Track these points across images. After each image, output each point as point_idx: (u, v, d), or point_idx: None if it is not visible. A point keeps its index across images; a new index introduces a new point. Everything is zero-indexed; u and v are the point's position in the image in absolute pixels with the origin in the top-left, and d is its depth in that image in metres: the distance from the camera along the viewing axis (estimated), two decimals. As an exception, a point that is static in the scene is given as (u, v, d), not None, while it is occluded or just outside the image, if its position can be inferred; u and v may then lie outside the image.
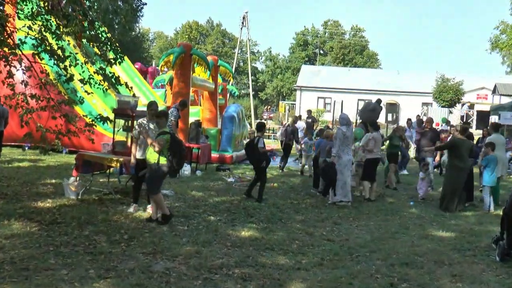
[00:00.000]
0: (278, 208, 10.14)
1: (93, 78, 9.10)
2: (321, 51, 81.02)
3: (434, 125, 19.58)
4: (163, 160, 8.05)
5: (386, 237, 8.37)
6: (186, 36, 77.94)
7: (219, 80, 21.80)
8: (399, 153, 14.46)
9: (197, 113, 19.04)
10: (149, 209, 8.61)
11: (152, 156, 8.08)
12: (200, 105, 21.14)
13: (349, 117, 11.40)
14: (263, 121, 22.61)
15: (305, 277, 6.11)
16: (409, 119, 19.75)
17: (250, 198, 10.69)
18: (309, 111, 25.89)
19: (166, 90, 21.59)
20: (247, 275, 6.02)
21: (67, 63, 8.71)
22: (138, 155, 8.70)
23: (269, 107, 63.81)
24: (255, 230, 8.25)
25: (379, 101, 14.71)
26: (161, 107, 15.35)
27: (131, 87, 9.42)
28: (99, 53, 8.89)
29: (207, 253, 6.77)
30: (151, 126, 8.68)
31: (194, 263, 6.31)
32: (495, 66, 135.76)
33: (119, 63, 8.86)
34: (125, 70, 19.59)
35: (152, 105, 8.89)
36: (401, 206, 11.21)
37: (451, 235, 8.68)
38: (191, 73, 16.00)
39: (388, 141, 13.95)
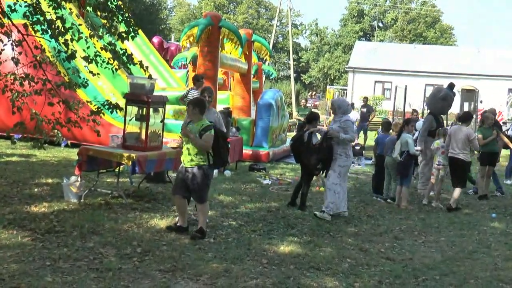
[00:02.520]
0: (326, 218, 10.12)
1: (100, 56, 9.20)
2: (380, 24, 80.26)
3: None
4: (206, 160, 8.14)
5: (461, 257, 8.27)
6: (212, 3, 78.28)
7: (254, 59, 21.80)
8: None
9: (227, 99, 19.09)
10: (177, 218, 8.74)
11: (189, 157, 8.12)
12: (230, 90, 21.20)
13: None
14: (315, 110, 22.58)
15: (359, 305, 6.09)
16: None
17: (293, 207, 10.70)
18: (365, 99, 25.75)
19: (188, 71, 21.71)
20: (287, 300, 6.02)
21: (68, 36, 8.81)
22: None
23: (314, 93, 63.57)
24: (297, 244, 8.25)
25: (451, 85, 14.45)
26: (181, 91, 15.52)
27: (147, 67, 9.49)
28: (108, 25, 8.97)
29: (238, 271, 6.79)
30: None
31: (222, 283, 6.35)
32: None
33: (132, 37, 8.94)
34: (138, 46, 19.82)
35: (205, 91, 9.06)
36: (480, 219, 11.05)
37: (546, 257, 8.51)
38: (220, 50, 16.05)
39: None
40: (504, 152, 15.55)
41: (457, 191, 11.87)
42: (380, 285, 6.79)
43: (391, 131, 13.45)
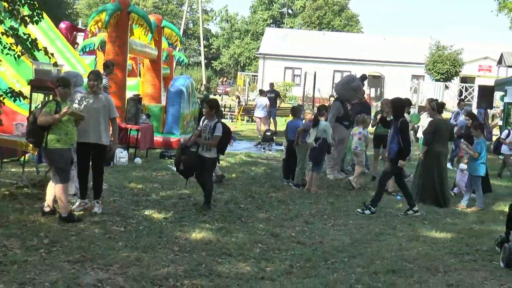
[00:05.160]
0: (237, 204, 10.18)
1: (0, 41, 8.85)
2: (290, 11, 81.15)
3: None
4: None
5: (369, 239, 8.51)
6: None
7: (164, 45, 21.59)
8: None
9: (136, 86, 18.84)
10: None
11: None
12: (140, 76, 20.92)
13: None
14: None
15: (270, 289, 6.16)
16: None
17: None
18: (271, 84, 26.00)
19: (96, 57, 21.23)
20: (199, 287, 6.02)
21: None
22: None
23: (225, 79, 63.79)
24: (209, 231, 8.25)
25: (364, 77, 14.88)
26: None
27: (52, 54, 9.21)
28: (9, 8, 8.63)
29: (149, 260, 6.73)
30: (90, 101, 8.72)
31: (133, 272, 6.27)
32: (502, 31, 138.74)
33: (36, 22, 8.64)
34: (44, 32, 19.13)
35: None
36: (386, 202, 11.38)
37: (447, 236, 8.89)
38: (129, 36, 15.77)
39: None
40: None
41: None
42: (291, 269, 6.89)
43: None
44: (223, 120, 10.61)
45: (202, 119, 10.19)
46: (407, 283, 6.62)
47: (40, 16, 8.65)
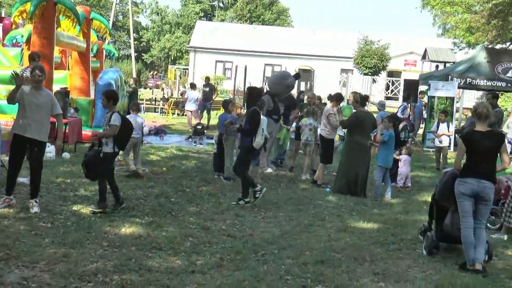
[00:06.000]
0: (168, 198, 10.14)
1: None
2: (221, 4, 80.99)
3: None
4: None
5: (298, 231, 8.62)
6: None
7: (93, 37, 21.18)
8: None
9: (64, 79, 18.41)
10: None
11: None
12: (68, 69, 20.46)
13: None
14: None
15: (200, 282, 6.17)
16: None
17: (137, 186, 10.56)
18: (207, 78, 25.89)
19: (22, 49, 20.63)
20: (128, 282, 5.98)
21: None
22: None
23: (155, 72, 63.15)
24: (139, 225, 8.20)
25: (298, 76, 15.06)
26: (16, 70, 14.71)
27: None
28: None
29: (77, 256, 6.63)
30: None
31: (60, 269, 6.17)
32: (426, 27, 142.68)
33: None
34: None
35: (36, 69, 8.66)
36: (315, 193, 11.57)
37: (374, 227, 9.11)
38: (55, 27, 15.39)
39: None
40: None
41: (319, 167, 12.59)
42: (222, 262, 6.92)
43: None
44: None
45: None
46: (335, 273, 6.75)
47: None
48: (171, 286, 5.99)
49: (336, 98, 13.35)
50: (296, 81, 16.01)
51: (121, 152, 10.34)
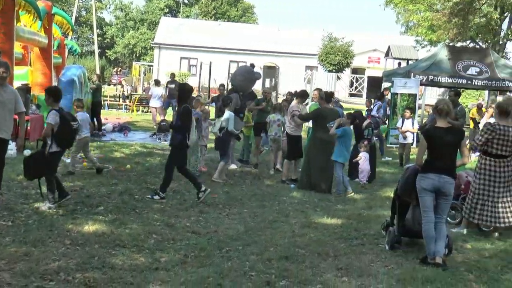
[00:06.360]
0: (132, 195, 10.06)
1: None
2: (186, 1, 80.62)
3: None
4: None
5: (263, 227, 8.64)
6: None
7: (57, 33, 20.92)
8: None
9: (25, 75, 18.17)
10: None
11: None
12: (30, 65, 20.18)
13: None
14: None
15: (164, 279, 6.15)
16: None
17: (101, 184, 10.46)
18: (172, 75, 25.77)
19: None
20: (91, 280, 5.93)
21: None
22: None
23: (119, 69, 62.54)
24: (102, 223, 8.13)
25: (252, 66, 15.11)
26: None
27: None
28: None
29: (39, 254, 6.56)
30: None
31: (21, 268, 6.10)
32: (389, 25, 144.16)
33: None
34: None
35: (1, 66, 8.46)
36: (280, 190, 11.61)
37: (337, 222, 9.18)
38: (15, 22, 15.15)
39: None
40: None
41: (284, 163, 12.65)
42: (186, 259, 6.90)
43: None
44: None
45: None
46: (299, 268, 6.79)
47: None
48: (135, 284, 5.95)
49: (301, 95, 13.44)
50: (260, 70, 16.11)
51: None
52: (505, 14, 34.86)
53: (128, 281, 5.99)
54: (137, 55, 73.16)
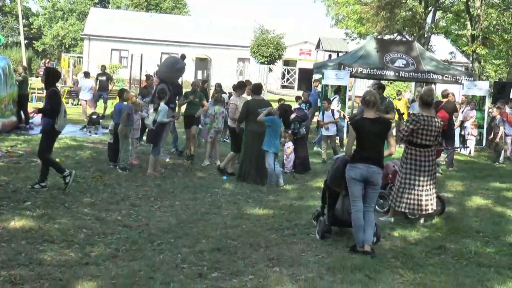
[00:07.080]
0: (60, 190, 9.85)
1: None
2: (116, -9, 79.17)
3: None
4: None
5: (195, 219, 8.65)
6: None
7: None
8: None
9: None
10: None
11: None
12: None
13: None
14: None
15: (94, 274, 6.08)
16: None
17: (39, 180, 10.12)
18: (103, 67, 25.29)
19: None
20: (18, 277, 5.81)
21: None
22: None
23: (48, 60, 61.00)
24: (30, 218, 7.96)
25: (183, 56, 14.98)
26: None
27: None
28: None
29: (-40, 253, 6.37)
30: None
31: None
32: (320, 17, 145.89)
33: None
34: None
35: None
36: (212, 182, 11.62)
37: (269, 213, 9.28)
38: None
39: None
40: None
41: (229, 155, 12.62)
42: (117, 253, 6.84)
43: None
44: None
45: None
46: (231, 259, 6.83)
47: None
48: (64, 279, 5.85)
49: (239, 87, 13.50)
50: (192, 62, 16.01)
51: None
52: (429, 8, 35.90)
53: (56, 277, 5.89)
54: (67, 46, 71.45)
